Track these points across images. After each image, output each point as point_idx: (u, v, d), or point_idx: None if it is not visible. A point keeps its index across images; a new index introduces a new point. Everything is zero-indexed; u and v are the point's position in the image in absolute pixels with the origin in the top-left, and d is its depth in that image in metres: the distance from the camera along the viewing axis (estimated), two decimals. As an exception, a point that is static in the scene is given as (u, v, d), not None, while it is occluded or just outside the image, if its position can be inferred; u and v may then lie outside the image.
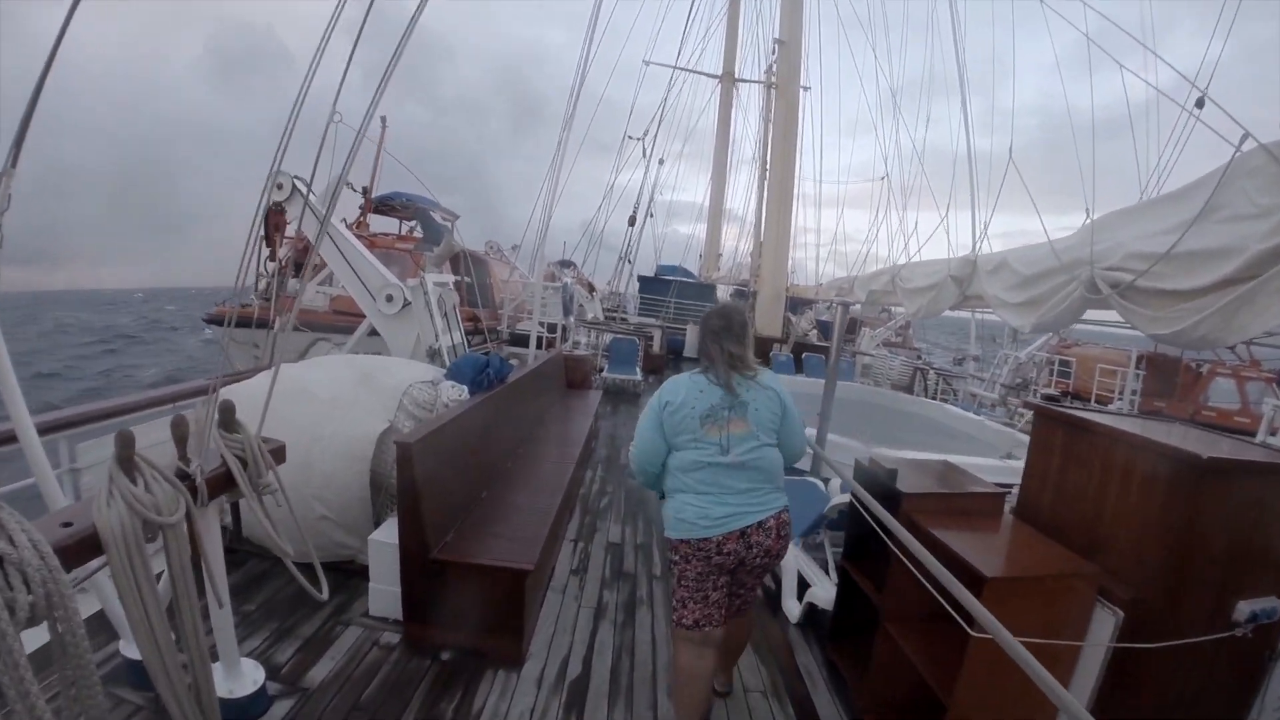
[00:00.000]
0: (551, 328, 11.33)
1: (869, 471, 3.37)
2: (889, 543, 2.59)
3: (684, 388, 2.65)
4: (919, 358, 23.53)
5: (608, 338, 14.04)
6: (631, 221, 17.57)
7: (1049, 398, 15.23)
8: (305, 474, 3.92)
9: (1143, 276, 3.15)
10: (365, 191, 11.65)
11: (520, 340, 10.52)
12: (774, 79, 18.77)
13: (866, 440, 7.77)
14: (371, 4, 2.73)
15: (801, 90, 16.85)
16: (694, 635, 2.63)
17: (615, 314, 21.38)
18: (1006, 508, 3.21)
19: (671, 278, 24.60)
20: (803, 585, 4.14)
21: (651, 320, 19.26)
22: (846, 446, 7.61)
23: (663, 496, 2.76)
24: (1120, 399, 13.69)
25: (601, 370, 12.23)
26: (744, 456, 2.56)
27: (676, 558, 2.66)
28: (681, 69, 24.55)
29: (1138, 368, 13.97)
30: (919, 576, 2.25)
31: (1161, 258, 2.93)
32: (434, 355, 6.02)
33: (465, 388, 4.85)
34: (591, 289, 22.33)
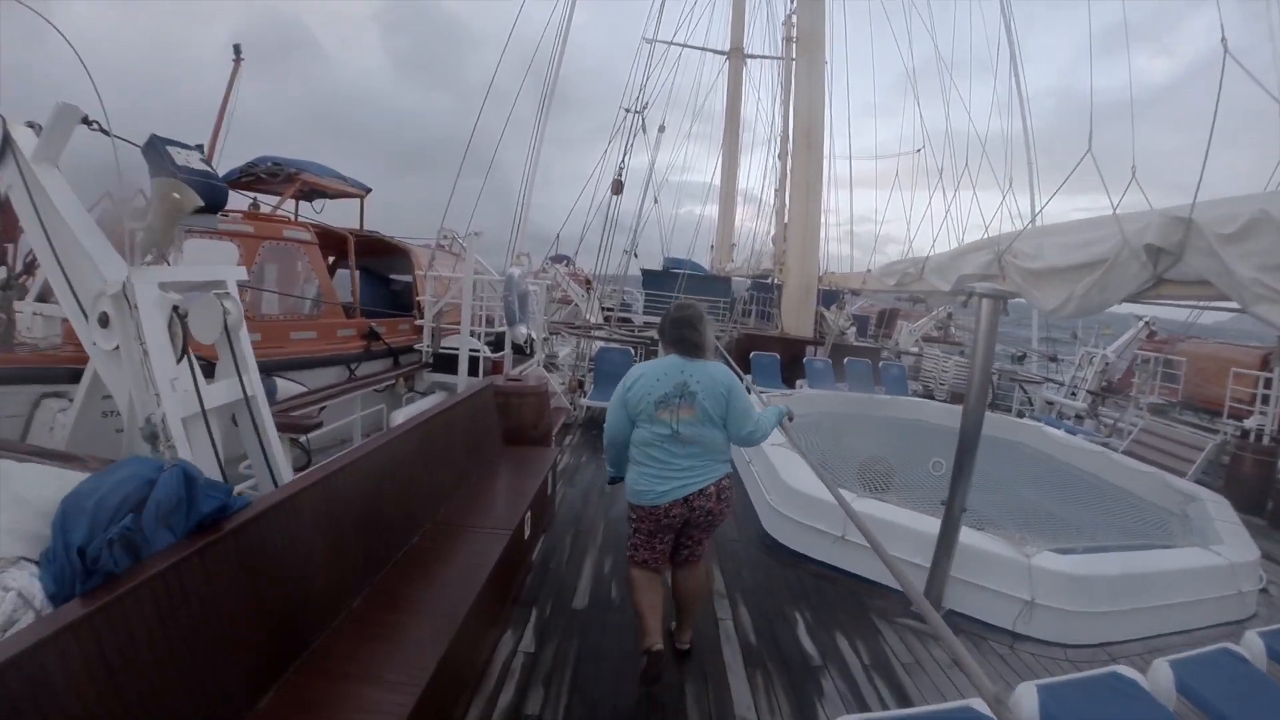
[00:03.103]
0: (498, 343, 8.11)
1: None
2: None
3: (644, 375, 3.12)
4: (961, 353, 20.38)
5: (597, 347, 10.85)
6: (617, 189, 14.14)
7: (1155, 408, 11.96)
8: None
9: None
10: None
11: (450, 363, 7.43)
12: (793, 30, 15.71)
13: (1012, 536, 4.62)
14: None
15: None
16: (644, 567, 3.24)
17: (614, 313, 18.24)
18: None
19: (680, 270, 21.43)
20: None
21: (657, 320, 15.91)
22: (986, 555, 4.50)
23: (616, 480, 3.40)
24: (1264, 411, 10.32)
25: (585, 393, 9.05)
26: (689, 438, 3.03)
27: (634, 516, 3.22)
28: (684, 45, 22.15)
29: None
30: None
31: None
32: (154, 437, 2.90)
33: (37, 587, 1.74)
34: (588, 285, 19.27)
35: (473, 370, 7.19)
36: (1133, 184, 5.52)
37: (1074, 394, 13.93)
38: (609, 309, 18.10)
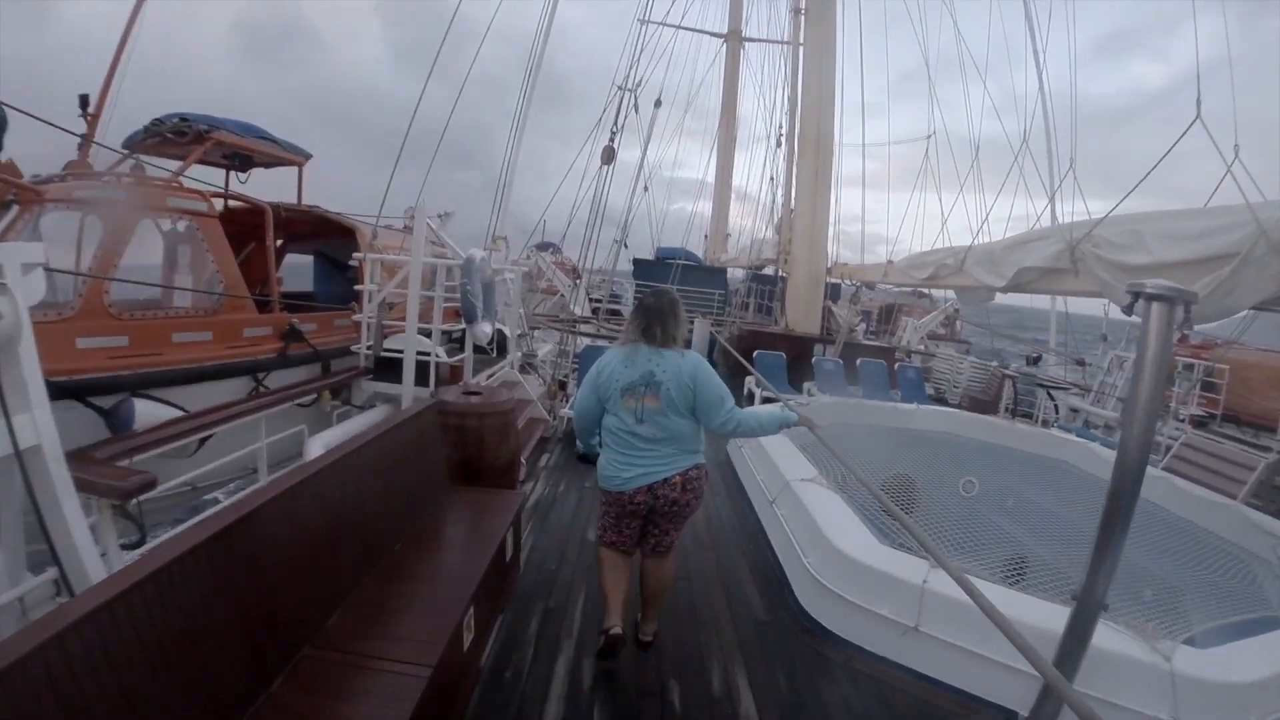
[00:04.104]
0: (458, 343, 6.70)
1: None
2: None
3: (612, 362, 3.13)
4: (967, 352, 19.24)
5: (582, 344, 9.50)
6: (608, 157, 12.76)
7: (1197, 420, 10.81)
8: None
9: None
10: (84, 103, 5.99)
11: (399, 369, 5.79)
12: (801, 2, 14.47)
13: (1142, 626, 3.39)
14: None
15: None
16: (613, 548, 3.26)
17: (602, 304, 16.94)
18: None
19: (673, 261, 20.25)
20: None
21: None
22: (1109, 656, 3.24)
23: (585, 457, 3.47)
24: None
25: (568, 399, 7.67)
26: (653, 427, 3.02)
27: (603, 499, 3.26)
28: (679, 26, 21.16)
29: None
30: None
31: None
32: None
33: None
34: (576, 274, 17.99)
35: (424, 378, 5.78)
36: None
37: (1103, 401, 12.76)
38: (597, 300, 16.84)
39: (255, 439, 4.58)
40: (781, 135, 18.86)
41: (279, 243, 9.15)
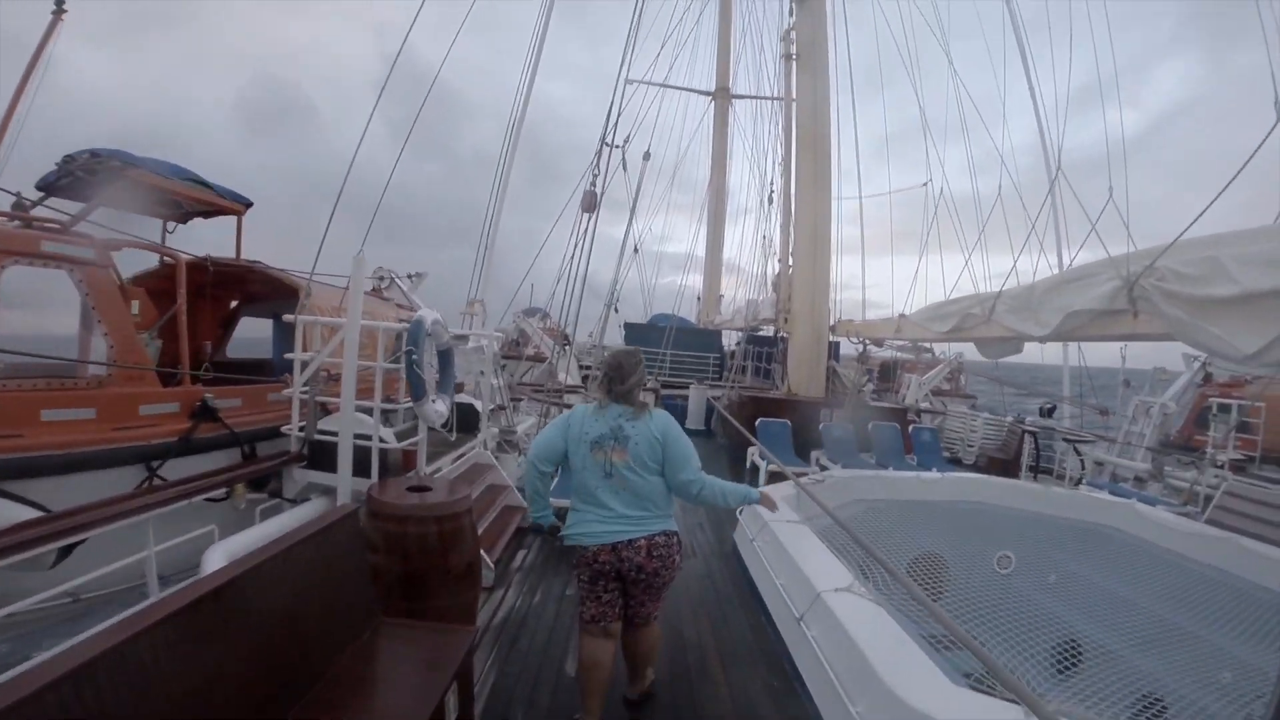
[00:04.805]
0: (408, 423, 5.49)
1: None
2: None
3: (583, 415, 3.14)
4: (973, 406, 18.43)
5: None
6: (589, 205, 11.95)
7: (1235, 465, 9.97)
8: None
9: None
10: None
11: (329, 454, 4.62)
12: (792, 48, 14.02)
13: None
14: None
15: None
16: (593, 629, 3.06)
17: (592, 371, 16.16)
18: None
19: (664, 325, 19.72)
20: None
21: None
22: None
23: (542, 527, 3.53)
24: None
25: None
26: (621, 482, 2.98)
27: (575, 561, 3.13)
28: (664, 85, 21.14)
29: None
30: None
31: None
32: None
33: None
34: (566, 341, 17.21)
35: (364, 468, 4.58)
36: None
37: (1132, 452, 11.86)
38: (587, 367, 16.09)
39: (146, 547, 3.54)
40: (774, 192, 18.45)
41: (233, 304, 8.33)
